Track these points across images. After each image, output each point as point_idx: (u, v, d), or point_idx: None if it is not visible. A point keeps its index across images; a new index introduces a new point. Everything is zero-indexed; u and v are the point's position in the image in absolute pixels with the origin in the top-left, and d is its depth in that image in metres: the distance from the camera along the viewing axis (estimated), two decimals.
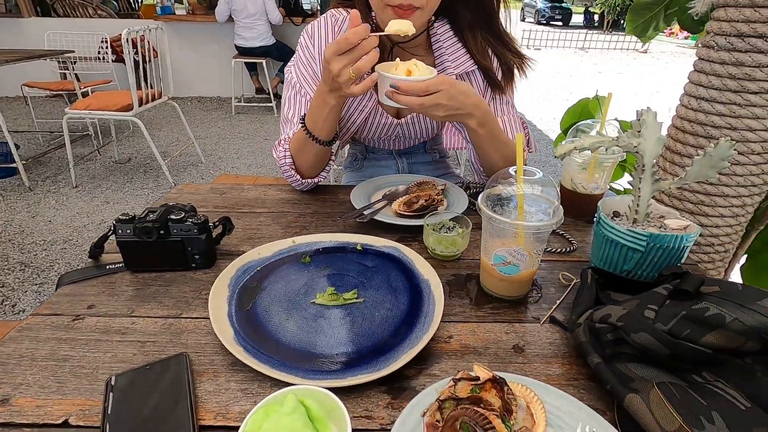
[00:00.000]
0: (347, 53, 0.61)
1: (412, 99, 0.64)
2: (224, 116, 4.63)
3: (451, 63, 0.82)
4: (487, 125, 0.72)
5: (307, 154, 0.80)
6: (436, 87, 0.64)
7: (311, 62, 0.84)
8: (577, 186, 0.78)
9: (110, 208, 2.61)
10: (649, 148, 0.53)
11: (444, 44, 0.83)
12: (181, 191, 0.91)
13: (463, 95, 0.66)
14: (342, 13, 0.83)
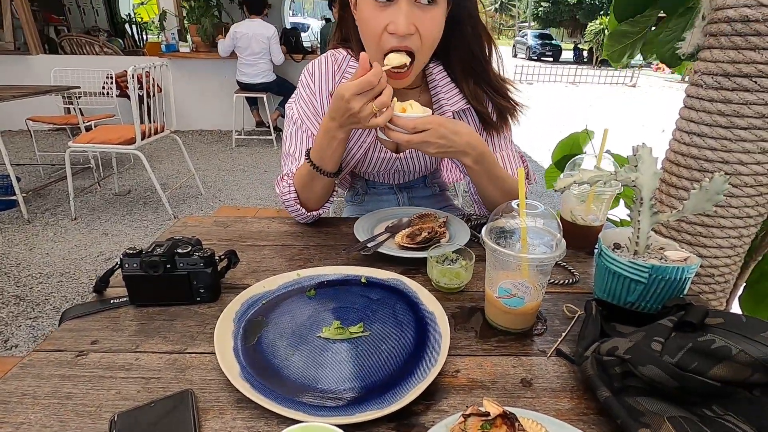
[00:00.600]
0: (367, 92, 0.64)
1: (401, 135, 0.68)
2: (224, 149, 4.70)
3: (447, 101, 0.86)
4: (483, 162, 0.75)
5: (313, 187, 0.82)
6: (424, 126, 0.67)
7: (312, 99, 0.87)
8: (577, 218, 0.79)
9: (108, 241, 2.61)
10: (647, 182, 0.55)
11: (440, 83, 0.86)
12: (185, 224, 0.92)
13: (454, 134, 0.69)
14: (341, 53, 0.87)
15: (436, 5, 0.69)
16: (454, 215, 0.90)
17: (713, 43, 0.69)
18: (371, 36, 0.71)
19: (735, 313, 0.49)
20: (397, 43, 0.68)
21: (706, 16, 0.70)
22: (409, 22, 0.67)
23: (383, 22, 0.68)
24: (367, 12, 0.70)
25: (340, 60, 0.87)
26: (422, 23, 0.68)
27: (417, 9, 0.68)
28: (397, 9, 0.67)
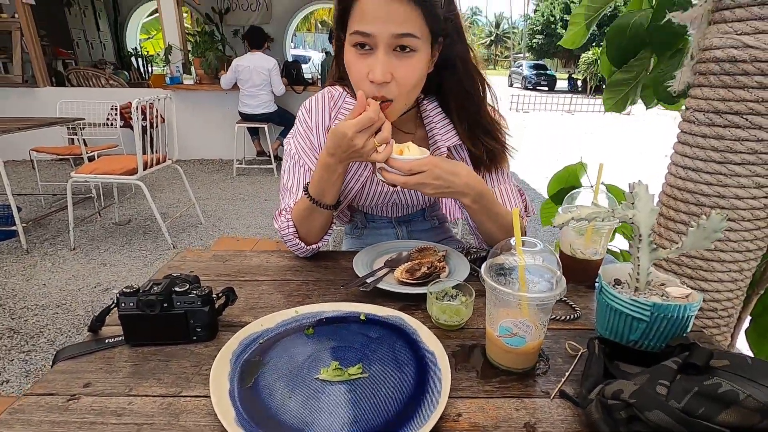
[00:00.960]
0: (369, 128, 0.66)
1: (396, 177, 0.69)
2: (225, 178, 4.74)
3: (441, 136, 0.87)
4: (481, 201, 0.75)
5: (312, 221, 0.82)
6: (420, 168, 0.68)
7: (309, 135, 0.89)
8: (576, 251, 0.79)
9: (107, 271, 2.59)
10: (644, 219, 0.55)
11: (434, 119, 0.88)
12: (183, 258, 0.92)
13: (451, 175, 0.70)
14: (338, 90, 0.90)
15: (415, 52, 0.69)
16: (453, 248, 0.90)
17: (703, 82, 0.71)
18: (355, 81, 0.73)
19: (740, 354, 0.48)
20: (376, 92, 0.70)
21: (695, 56, 0.72)
22: (386, 71, 0.68)
23: (364, 69, 0.70)
24: (350, 58, 0.72)
25: (337, 97, 0.89)
26: (399, 71, 0.69)
27: (394, 57, 0.69)
28: (374, 58, 0.68)
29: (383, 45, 0.67)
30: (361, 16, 0.67)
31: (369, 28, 0.67)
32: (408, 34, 0.67)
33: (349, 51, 0.72)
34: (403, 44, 0.68)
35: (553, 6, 28.64)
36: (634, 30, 1.07)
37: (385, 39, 0.67)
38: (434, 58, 0.75)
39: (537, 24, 29.53)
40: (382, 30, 0.66)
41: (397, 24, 0.66)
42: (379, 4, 0.65)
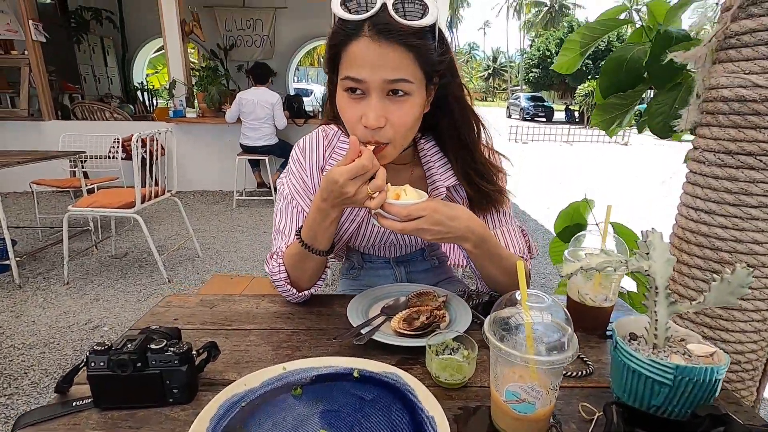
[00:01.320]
0: (362, 176, 0.63)
1: (393, 223, 0.65)
2: (225, 209, 4.73)
3: (440, 176, 0.84)
4: (483, 245, 0.72)
5: (304, 266, 0.78)
6: (418, 213, 0.65)
7: (302, 174, 0.86)
8: (585, 298, 0.74)
9: (99, 307, 2.52)
10: (660, 269, 0.51)
11: (432, 158, 0.85)
12: (169, 304, 0.87)
13: (451, 220, 0.66)
14: (332, 129, 0.87)
15: (409, 96, 0.66)
16: (454, 293, 0.85)
17: (711, 121, 0.68)
18: (348, 126, 0.71)
19: None
20: (370, 137, 0.67)
21: (701, 95, 0.70)
22: (379, 115, 0.65)
23: (357, 113, 0.67)
24: (343, 103, 0.69)
25: (331, 136, 0.87)
26: (393, 115, 0.67)
27: (388, 101, 0.66)
28: (367, 103, 0.66)
29: (376, 90, 0.65)
30: (351, 62, 0.65)
31: (360, 73, 0.64)
32: (401, 79, 0.64)
33: (342, 95, 0.69)
34: (397, 89, 0.65)
35: (548, 41, 29.55)
36: (631, 63, 1.07)
37: (378, 85, 0.65)
38: (430, 98, 0.73)
39: (533, 58, 30.37)
40: (373, 76, 0.64)
41: (390, 69, 0.64)
42: (370, 50, 0.63)
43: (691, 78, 0.95)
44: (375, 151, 0.67)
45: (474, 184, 0.80)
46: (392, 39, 0.62)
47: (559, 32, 29.90)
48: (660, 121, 0.90)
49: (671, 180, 7.15)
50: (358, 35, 0.64)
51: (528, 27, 50.47)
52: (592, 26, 1.18)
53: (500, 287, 0.82)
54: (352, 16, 0.63)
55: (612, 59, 1.10)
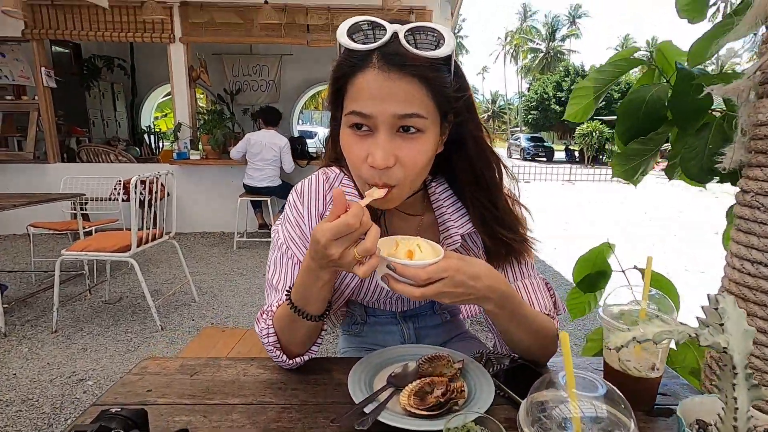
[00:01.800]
0: (347, 236, 0.53)
1: (411, 289, 0.55)
2: (225, 251, 4.63)
3: (453, 222, 0.75)
4: (506, 305, 0.62)
5: (295, 331, 0.68)
6: (439, 274, 0.55)
7: (299, 222, 0.77)
8: (629, 367, 0.63)
9: (86, 358, 2.37)
10: (738, 345, 0.41)
11: (444, 203, 0.76)
12: (144, 371, 0.76)
13: (473, 279, 0.57)
14: (334, 171, 0.79)
15: (421, 133, 0.60)
16: (470, 355, 0.74)
17: (764, 161, 0.60)
18: (352, 165, 0.64)
19: None
20: (377, 179, 0.60)
21: (747, 132, 0.62)
22: (388, 154, 0.58)
23: (363, 152, 0.60)
24: (347, 140, 0.62)
25: (332, 178, 0.78)
26: (403, 153, 0.59)
27: (398, 138, 0.59)
28: (374, 141, 0.59)
29: (385, 126, 0.58)
30: (357, 95, 0.58)
31: (367, 108, 0.58)
32: (413, 114, 0.57)
33: (346, 132, 0.62)
34: (408, 125, 0.58)
35: (546, 85, 30.50)
36: (651, 105, 1.00)
37: (387, 120, 0.57)
38: (444, 137, 0.66)
39: (531, 100, 31.23)
40: (382, 110, 0.57)
41: (401, 103, 0.57)
42: (379, 82, 0.57)
43: (720, 117, 0.88)
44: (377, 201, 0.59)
45: (493, 233, 0.71)
46: (404, 70, 0.56)
47: (555, 76, 30.93)
48: (695, 165, 0.83)
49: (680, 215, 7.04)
50: (365, 66, 0.57)
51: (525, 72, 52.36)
52: (604, 69, 1.13)
53: (524, 351, 0.71)
54: (359, 45, 0.57)
55: (628, 102, 1.04)
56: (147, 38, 4.94)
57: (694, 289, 3.65)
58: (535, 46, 51.31)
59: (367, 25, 0.59)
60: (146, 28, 4.91)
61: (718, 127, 0.87)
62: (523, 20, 53.08)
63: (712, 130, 0.88)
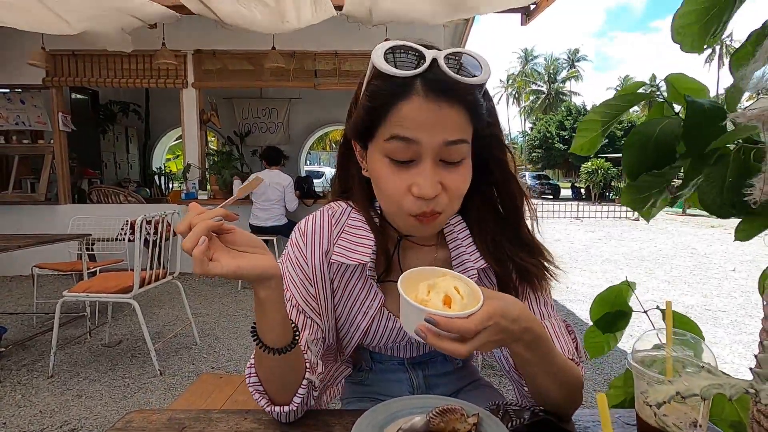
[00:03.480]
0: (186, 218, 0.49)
1: (457, 346, 0.47)
2: (229, 291, 4.56)
3: (469, 256, 0.71)
4: (538, 348, 0.56)
5: (265, 368, 0.62)
6: (485, 324, 0.48)
7: (301, 263, 0.72)
8: (667, 423, 0.56)
9: (80, 405, 2.27)
10: None
11: (459, 235, 0.72)
12: (128, 425, 0.69)
13: (514, 323, 0.51)
14: (341, 205, 0.75)
15: (464, 160, 0.60)
16: (485, 408, 0.67)
17: None
18: (390, 198, 0.60)
19: None
20: (425, 208, 0.57)
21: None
22: (435, 183, 0.57)
23: (405, 183, 0.58)
24: (383, 171, 0.59)
25: (339, 213, 0.74)
26: (448, 180, 0.58)
27: (442, 166, 0.58)
28: (421, 170, 0.57)
29: (430, 154, 0.56)
30: (402, 122, 0.56)
31: (415, 134, 0.55)
32: (459, 140, 0.57)
33: (380, 162, 0.59)
34: (452, 152, 0.57)
35: (549, 124, 31.07)
36: (661, 137, 0.97)
37: (435, 148, 0.56)
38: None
39: (535, 139, 31.72)
40: (430, 139, 0.55)
41: (447, 130, 0.56)
42: (427, 111, 0.55)
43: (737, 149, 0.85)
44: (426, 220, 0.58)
45: (507, 262, 0.67)
46: (450, 97, 0.55)
47: (558, 116, 31.56)
48: (714, 199, 0.78)
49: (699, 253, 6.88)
50: (409, 93, 0.55)
51: (528, 112, 53.61)
52: (611, 103, 1.11)
53: (549, 401, 0.64)
54: (401, 72, 0.55)
55: (637, 134, 1.02)
56: (161, 84, 5.14)
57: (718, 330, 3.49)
58: (536, 87, 52.84)
59: (403, 50, 0.57)
60: (161, 74, 5.11)
61: (735, 158, 0.83)
62: (524, 63, 54.99)
63: (730, 162, 0.84)
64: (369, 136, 0.61)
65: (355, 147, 0.68)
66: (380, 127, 0.59)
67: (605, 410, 0.35)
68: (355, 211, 0.74)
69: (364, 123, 0.61)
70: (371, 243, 0.69)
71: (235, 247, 0.52)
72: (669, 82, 1.08)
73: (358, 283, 0.73)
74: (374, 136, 0.60)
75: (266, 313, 0.56)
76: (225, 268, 0.48)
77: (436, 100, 0.55)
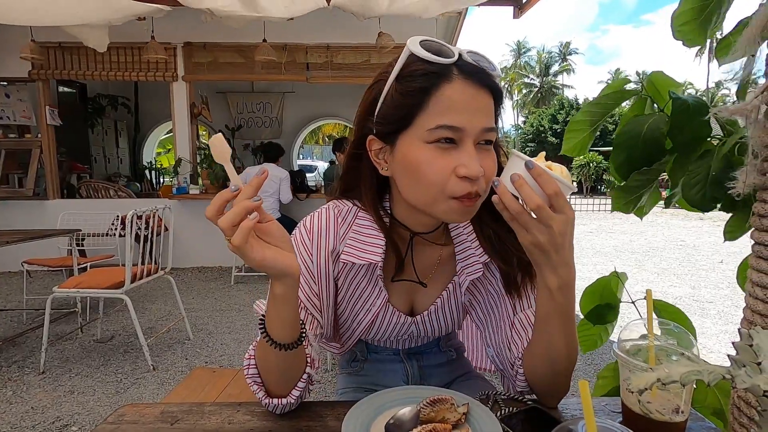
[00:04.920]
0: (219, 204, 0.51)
1: (535, 196, 0.52)
2: (223, 286, 4.55)
3: (474, 251, 0.72)
4: (566, 294, 0.58)
5: (268, 363, 0.63)
6: (564, 206, 0.53)
7: (306, 261, 0.71)
8: (650, 410, 0.57)
9: (72, 401, 2.26)
10: None
11: (464, 231, 0.74)
12: (121, 419, 0.69)
13: (570, 243, 0.55)
14: (346, 204, 0.74)
15: (492, 146, 0.63)
16: (475, 398, 0.68)
17: None
18: (434, 182, 0.59)
19: None
20: (470, 188, 0.59)
21: (759, 154, 0.59)
22: (479, 163, 0.58)
23: (450, 165, 0.58)
24: (429, 156, 0.59)
25: (345, 212, 0.73)
26: (486, 164, 0.60)
27: (479, 151, 0.60)
28: (465, 152, 0.58)
29: (471, 139, 0.58)
30: (446, 109, 0.58)
31: (459, 121, 0.58)
32: (492, 128, 0.61)
33: (424, 148, 0.59)
34: (488, 138, 0.61)
35: (542, 118, 31.16)
36: (649, 134, 0.99)
37: (476, 133, 0.59)
38: None
39: (528, 133, 31.82)
40: (473, 123, 0.58)
41: (486, 116, 0.60)
42: (470, 96, 0.58)
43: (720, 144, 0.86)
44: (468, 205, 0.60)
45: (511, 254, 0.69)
46: (485, 83, 0.59)
47: (550, 109, 31.67)
48: (698, 193, 0.80)
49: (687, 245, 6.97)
50: (449, 78, 0.58)
51: (520, 106, 53.71)
52: (597, 102, 1.12)
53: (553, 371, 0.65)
54: (440, 59, 0.58)
55: (624, 134, 1.03)
56: (151, 77, 5.07)
57: (705, 320, 3.56)
58: (529, 81, 52.88)
59: (434, 43, 0.60)
60: (150, 67, 5.04)
61: (719, 153, 0.85)
62: (517, 56, 54.96)
63: (714, 156, 0.85)
64: (404, 126, 0.61)
65: (370, 147, 0.67)
66: (421, 113, 0.59)
67: (587, 397, 0.36)
68: (362, 210, 0.73)
69: (399, 111, 0.61)
70: (381, 243, 0.70)
71: (265, 238, 0.54)
72: (651, 81, 1.09)
73: (363, 280, 0.74)
74: (411, 124, 0.60)
75: (279, 309, 0.57)
76: (255, 254, 0.51)
77: (474, 85, 0.58)
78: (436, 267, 0.75)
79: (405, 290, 0.76)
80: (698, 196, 0.86)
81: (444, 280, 0.76)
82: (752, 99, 0.56)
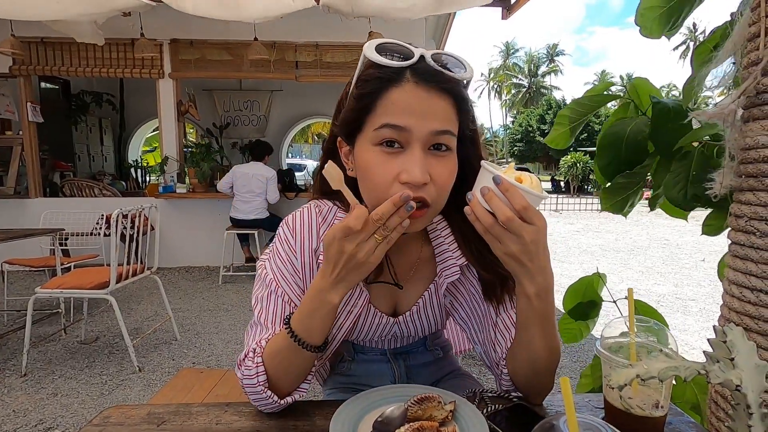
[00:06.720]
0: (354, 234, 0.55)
1: (504, 209, 0.53)
2: (210, 286, 4.51)
3: (452, 253, 0.72)
4: (545, 300, 0.59)
5: (290, 365, 0.64)
6: (532, 217, 0.54)
7: (290, 257, 0.72)
8: (631, 405, 0.59)
9: (55, 403, 2.22)
10: (751, 381, 0.38)
11: (442, 233, 0.74)
12: (106, 421, 0.69)
13: (543, 251, 0.56)
14: (326, 204, 0.75)
15: (450, 153, 0.61)
16: (462, 395, 0.69)
17: (756, 185, 0.59)
18: (376, 185, 0.59)
19: None
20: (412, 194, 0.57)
21: (735, 156, 0.61)
22: (424, 170, 0.57)
23: (393, 170, 0.58)
24: (372, 159, 0.59)
25: (326, 212, 0.74)
26: (436, 171, 0.59)
27: (430, 156, 0.59)
28: (409, 156, 0.57)
29: (419, 143, 0.58)
30: (392, 109, 0.58)
31: (405, 121, 0.57)
32: (447, 131, 0.59)
33: (371, 150, 0.59)
34: (441, 142, 0.59)
35: (530, 118, 31.47)
36: (632, 137, 1.01)
37: (423, 136, 0.57)
38: None
39: (516, 133, 32.11)
40: (420, 125, 0.57)
41: (437, 120, 0.58)
42: (417, 97, 0.57)
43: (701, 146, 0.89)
44: (413, 215, 0.57)
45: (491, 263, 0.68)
46: (440, 86, 0.58)
47: (538, 110, 31.99)
48: (679, 192, 0.82)
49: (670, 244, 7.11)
50: (399, 81, 0.58)
51: (509, 106, 54.12)
52: (581, 102, 1.15)
53: (532, 370, 0.66)
54: (392, 62, 0.58)
55: (608, 136, 1.05)
56: (137, 74, 4.99)
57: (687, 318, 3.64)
58: (517, 81, 53.32)
59: (393, 45, 0.60)
60: (136, 64, 4.96)
61: (699, 154, 0.87)
62: (506, 57, 55.36)
63: (694, 158, 0.88)
64: (358, 129, 0.62)
65: (340, 148, 0.68)
66: (370, 117, 0.60)
67: (568, 393, 0.37)
68: (341, 210, 0.74)
69: (353, 115, 0.62)
70: None
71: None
72: (633, 86, 1.11)
73: None
74: (363, 128, 0.61)
75: (325, 317, 0.61)
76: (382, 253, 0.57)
77: (425, 88, 0.57)
78: (415, 268, 0.76)
79: (387, 291, 0.76)
80: (680, 195, 0.89)
81: (425, 281, 0.77)
82: (729, 103, 0.58)
